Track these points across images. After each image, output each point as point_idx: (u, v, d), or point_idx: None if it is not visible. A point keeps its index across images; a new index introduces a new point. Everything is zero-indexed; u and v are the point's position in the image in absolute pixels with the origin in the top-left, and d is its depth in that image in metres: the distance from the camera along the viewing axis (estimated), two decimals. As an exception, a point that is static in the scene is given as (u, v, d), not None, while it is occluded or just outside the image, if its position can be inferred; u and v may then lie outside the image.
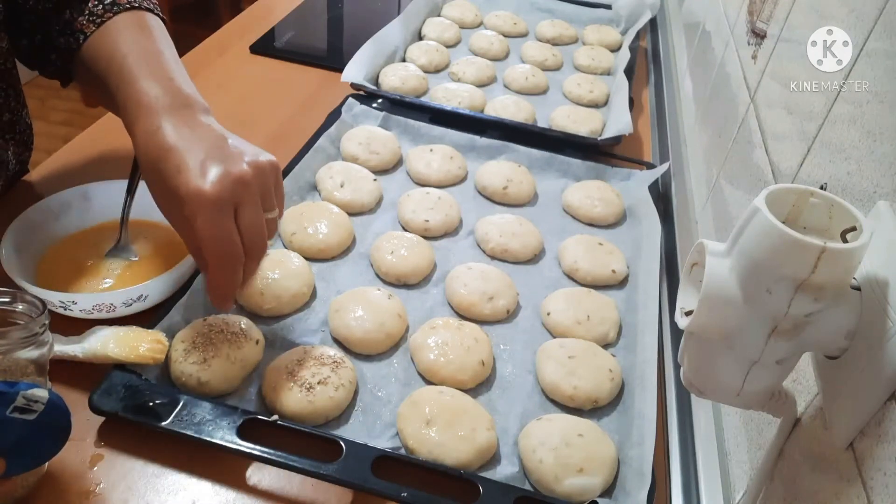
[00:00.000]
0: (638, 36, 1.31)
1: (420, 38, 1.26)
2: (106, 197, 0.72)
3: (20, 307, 0.50)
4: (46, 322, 0.50)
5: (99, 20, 0.68)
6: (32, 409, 0.46)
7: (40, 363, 0.50)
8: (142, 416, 0.56)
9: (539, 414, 0.63)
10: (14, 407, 0.45)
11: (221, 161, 0.55)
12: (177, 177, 0.55)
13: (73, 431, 0.56)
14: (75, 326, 0.61)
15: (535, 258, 0.81)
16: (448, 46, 1.23)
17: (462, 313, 0.72)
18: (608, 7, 1.43)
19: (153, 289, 0.64)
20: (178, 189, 0.54)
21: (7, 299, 0.50)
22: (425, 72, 1.13)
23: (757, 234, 0.36)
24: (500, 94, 1.10)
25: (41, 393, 0.47)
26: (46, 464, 0.52)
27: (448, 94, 1.05)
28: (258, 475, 0.56)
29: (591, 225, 0.88)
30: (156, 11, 0.71)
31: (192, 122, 0.59)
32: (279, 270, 0.70)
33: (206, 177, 0.54)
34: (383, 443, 0.58)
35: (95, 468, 0.55)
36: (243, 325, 0.64)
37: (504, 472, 0.58)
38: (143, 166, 0.59)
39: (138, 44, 0.65)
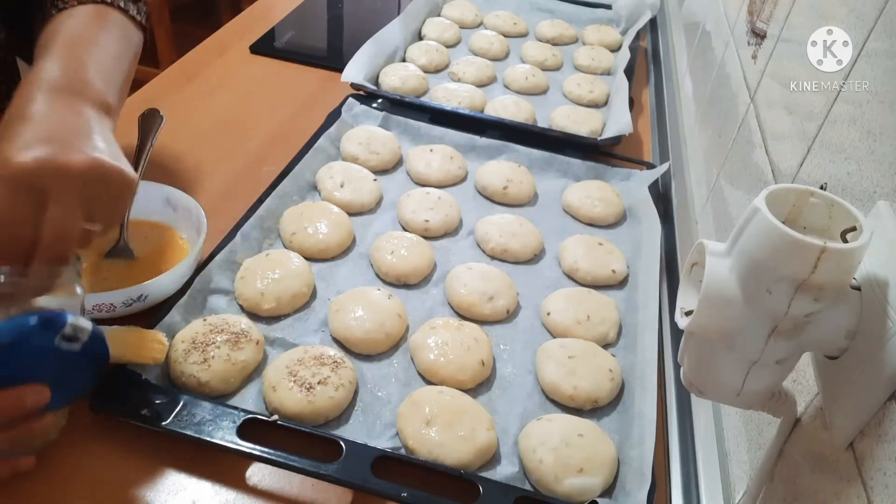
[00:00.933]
0: (638, 36, 1.31)
1: (420, 38, 1.26)
2: (106, 197, 0.72)
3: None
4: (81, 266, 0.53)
5: (63, 5, 0.64)
6: (78, 339, 0.49)
7: (81, 303, 0.52)
8: (142, 416, 0.56)
9: (539, 414, 0.63)
10: (62, 336, 0.48)
11: (59, 144, 0.50)
12: (1, 142, 0.50)
13: (73, 430, 0.56)
14: (75, 326, 0.61)
15: (535, 258, 0.81)
16: (448, 46, 1.23)
17: (462, 313, 0.72)
18: (608, 7, 1.43)
19: (153, 289, 0.64)
20: None
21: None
22: (425, 72, 1.13)
23: (757, 234, 0.36)
24: (500, 94, 1.10)
25: (86, 323, 0.49)
26: (66, 416, 0.55)
27: (448, 94, 1.05)
28: (258, 475, 0.56)
29: (591, 225, 0.88)
30: (130, 12, 0.68)
31: (70, 107, 0.54)
32: (279, 270, 0.70)
33: (26, 150, 0.48)
34: (383, 443, 0.58)
35: (95, 468, 0.55)
36: (243, 326, 0.64)
37: (504, 472, 0.58)
38: None
39: (76, 31, 0.62)
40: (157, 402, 0.57)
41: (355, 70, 1.01)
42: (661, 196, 0.94)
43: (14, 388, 0.47)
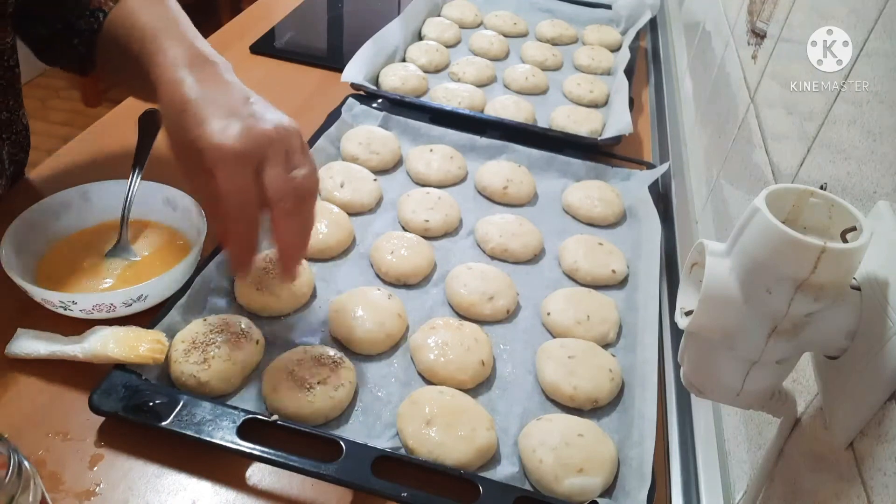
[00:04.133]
0: (638, 36, 1.31)
1: (420, 38, 1.26)
2: (106, 197, 0.72)
3: None
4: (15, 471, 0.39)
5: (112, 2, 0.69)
6: None
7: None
8: (142, 416, 0.56)
9: (539, 414, 0.63)
10: None
11: (244, 117, 0.56)
12: (197, 128, 0.54)
13: (73, 431, 0.56)
14: (75, 326, 0.61)
15: (535, 258, 0.81)
16: (448, 46, 1.23)
17: (462, 313, 0.72)
18: (608, 7, 1.43)
19: (153, 289, 0.64)
20: (198, 140, 0.54)
21: None
22: (425, 72, 1.13)
23: (757, 234, 0.36)
24: (500, 94, 1.10)
25: None
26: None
27: (448, 94, 1.05)
28: (258, 475, 0.56)
29: (591, 225, 0.88)
30: None
31: (215, 78, 0.60)
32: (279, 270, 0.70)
33: (228, 131, 0.54)
34: (383, 443, 0.58)
35: (95, 468, 0.55)
36: (243, 326, 0.64)
37: (504, 472, 0.58)
38: (166, 118, 0.59)
39: (156, 13, 0.67)
40: (157, 402, 0.57)
41: (355, 70, 1.01)
42: (661, 196, 0.94)
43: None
